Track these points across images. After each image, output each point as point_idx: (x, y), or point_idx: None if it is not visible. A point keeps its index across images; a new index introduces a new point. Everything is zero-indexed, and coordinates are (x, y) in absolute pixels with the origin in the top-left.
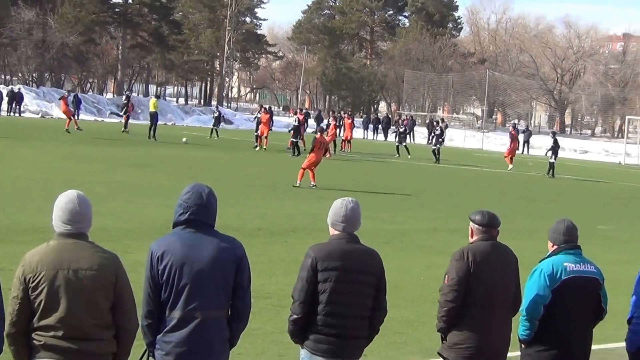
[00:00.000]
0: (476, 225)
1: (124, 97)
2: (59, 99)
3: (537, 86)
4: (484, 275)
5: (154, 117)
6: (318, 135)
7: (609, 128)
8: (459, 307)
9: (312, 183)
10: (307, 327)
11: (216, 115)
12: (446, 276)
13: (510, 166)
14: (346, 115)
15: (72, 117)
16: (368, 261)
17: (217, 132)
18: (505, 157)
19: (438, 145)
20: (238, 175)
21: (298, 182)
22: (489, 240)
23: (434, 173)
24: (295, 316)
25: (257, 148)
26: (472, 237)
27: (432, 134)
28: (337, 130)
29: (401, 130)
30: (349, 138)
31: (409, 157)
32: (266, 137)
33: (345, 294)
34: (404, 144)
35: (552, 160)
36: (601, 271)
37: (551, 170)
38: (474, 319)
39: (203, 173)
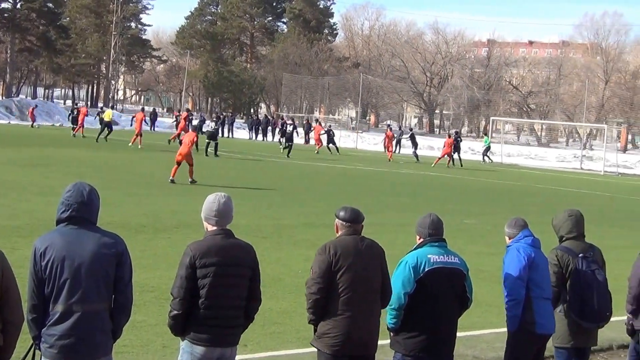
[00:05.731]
0: (340, 221)
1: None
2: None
3: (407, 89)
4: (347, 268)
5: (107, 125)
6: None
7: (475, 128)
8: (324, 299)
9: (171, 177)
10: (187, 320)
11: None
12: (311, 270)
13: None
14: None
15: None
16: (243, 255)
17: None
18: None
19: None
20: (125, 174)
21: (171, 177)
22: (353, 234)
23: (312, 172)
24: (175, 312)
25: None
26: (337, 232)
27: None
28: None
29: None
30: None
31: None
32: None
33: (223, 287)
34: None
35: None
36: (466, 262)
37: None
38: (340, 309)
39: (91, 172)
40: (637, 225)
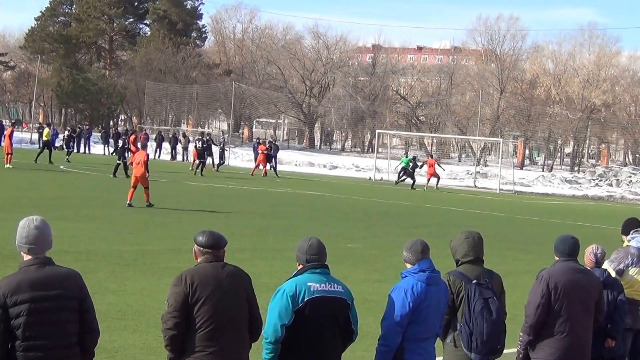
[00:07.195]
0: (199, 247)
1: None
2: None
3: (285, 99)
4: (205, 299)
5: (46, 144)
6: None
7: (359, 142)
8: (182, 334)
9: (128, 201)
10: None
11: None
12: (167, 303)
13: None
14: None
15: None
16: (65, 285)
17: None
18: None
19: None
20: None
21: (128, 200)
22: (214, 261)
23: (180, 191)
24: None
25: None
26: (196, 259)
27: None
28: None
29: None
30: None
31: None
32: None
33: (43, 325)
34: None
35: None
36: (350, 291)
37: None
38: (201, 345)
39: None
40: (534, 248)
